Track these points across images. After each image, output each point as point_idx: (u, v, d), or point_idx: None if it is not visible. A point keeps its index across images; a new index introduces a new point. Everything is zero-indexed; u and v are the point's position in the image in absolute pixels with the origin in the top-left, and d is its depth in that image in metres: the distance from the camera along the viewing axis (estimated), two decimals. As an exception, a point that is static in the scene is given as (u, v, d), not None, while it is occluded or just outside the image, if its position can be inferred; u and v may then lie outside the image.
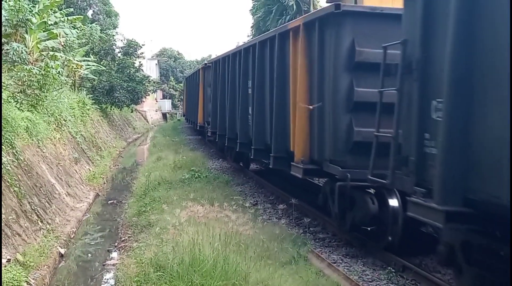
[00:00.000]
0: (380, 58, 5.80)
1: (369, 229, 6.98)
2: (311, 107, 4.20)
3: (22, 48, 14.07)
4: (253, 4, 35.31)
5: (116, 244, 9.05)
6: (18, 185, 8.36)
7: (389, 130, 5.47)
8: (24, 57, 14.00)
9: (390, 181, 5.42)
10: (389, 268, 6.34)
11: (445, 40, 4.30)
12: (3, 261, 6.38)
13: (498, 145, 3.74)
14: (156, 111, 53.25)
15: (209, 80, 17.16)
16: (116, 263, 7.76)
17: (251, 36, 34.38)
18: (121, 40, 31.16)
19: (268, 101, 9.63)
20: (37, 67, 13.24)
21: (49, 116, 13.38)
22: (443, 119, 4.30)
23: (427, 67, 4.70)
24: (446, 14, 4.30)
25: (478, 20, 4.06)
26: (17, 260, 6.76)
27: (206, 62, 21.32)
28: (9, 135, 8.98)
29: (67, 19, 18.31)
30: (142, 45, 31.71)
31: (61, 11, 18.39)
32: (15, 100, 11.48)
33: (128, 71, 28.58)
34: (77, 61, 20.30)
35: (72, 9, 23.46)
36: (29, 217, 8.23)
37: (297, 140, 7.91)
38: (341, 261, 6.79)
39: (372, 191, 6.89)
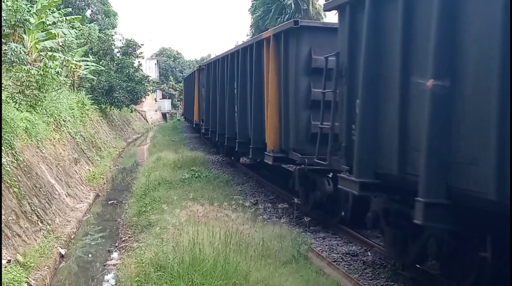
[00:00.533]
0: (331, 65, 6.82)
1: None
2: (431, 83, 4.19)
3: (20, 48, 14.04)
4: (252, 3, 35.29)
5: (117, 244, 9.05)
6: (17, 186, 8.35)
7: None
8: (22, 57, 13.96)
9: (328, 163, 6.85)
10: (389, 266, 6.35)
11: (361, 53, 5.63)
12: (3, 262, 6.38)
13: (391, 133, 5.11)
14: (155, 111, 53.20)
15: (203, 81, 18.64)
16: (117, 263, 7.76)
17: (250, 35, 34.37)
18: (120, 40, 31.12)
19: (249, 100, 11.03)
20: (36, 68, 13.22)
21: (48, 116, 13.36)
22: (359, 113, 5.66)
23: (352, 73, 6.02)
24: (361, 32, 5.63)
25: (381, 38, 5.41)
26: (17, 261, 6.75)
27: (200, 64, 22.72)
28: (8, 136, 8.96)
29: (66, 19, 18.27)
30: (141, 44, 31.69)
31: (59, 11, 18.36)
32: (14, 100, 11.46)
33: (127, 71, 28.55)
34: (76, 61, 20.26)
35: (70, 9, 23.39)
36: (29, 218, 8.22)
37: (269, 133, 9.42)
38: (341, 260, 6.80)
39: (330, 175, 7.88)
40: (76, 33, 20.81)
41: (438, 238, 5.17)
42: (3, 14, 14.02)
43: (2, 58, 13.24)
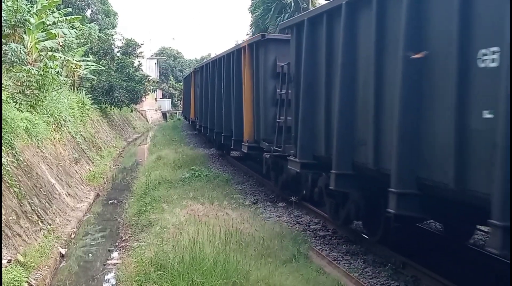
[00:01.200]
0: (291, 71, 8.39)
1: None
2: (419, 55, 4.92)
3: (20, 48, 14.05)
4: (252, 3, 35.22)
5: (117, 243, 9.05)
6: (18, 185, 8.35)
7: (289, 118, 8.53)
8: (22, 57, 13.96)
9: (282, 149, 8.79)
10: (389, 264, 6.34)
11: (302, 64, 7.48)
12: (4, 261, 6.38)
13: (321, 125, 6.95)
14: (156, 111, 53.22)
15: (197, 82, 20.90)
16: (117, 263, 7.76)
17: (251, 34, 34.34)
18: (120, 40, 31.12)
19: (232, 99, 12.76)
20: (36, 68, 13.22)
21: (48, 116, 13.36)
22: (300, 110, 7.50)
23: (297, 79, 7.75)
24: (301, 49, 7.49)
25: (314, 53, 7.20)
26: (18, 261, 6.76)
27: (195, 66, 24.75)
28: (8, 136, 8.97)
29: (66, 19, 18.27)
30: (141, 44, 31.69)
31: (60, 11, 18.36)
32: (14, 100, 11.46)
33: (127, 71, 28.54)
34: (76, 61, 20.28)
35: (70, 9, 23.38)
36: (30, 217, 8.23)
37: (245, 126, 11.33)
38: (341, 259, 6.79)
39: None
40: (76, 33, 20.83)
41: (356, 203, 6.87)
42: (3, 14, 14.03)
43: (3, 58, 13.24)
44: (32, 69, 12.83)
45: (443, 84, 4.48)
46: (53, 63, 14.08)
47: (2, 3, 14.11)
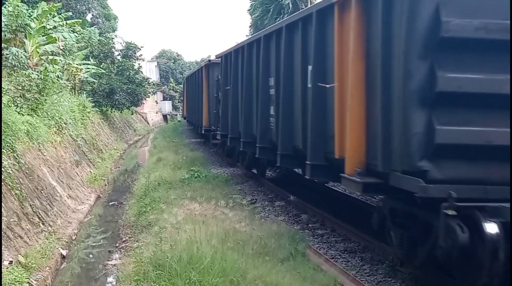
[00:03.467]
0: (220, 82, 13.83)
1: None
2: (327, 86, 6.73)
3: (21, 52, 14.16)
4: (251, 4, 35.29)
5: (117, 244, 9.12)
6: (19, 188, 8.44)
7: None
8: (23, 61, 14.08)
9: (215, 129, 14.69)
10: (386, 262, 6.39)
11: (222, 78, 13.22)
12: (5, 263, 6.47)
13: (228, 113, 11.94)
14: (156, 113, 53.30)
15: (187, 87, 28.32)
16: (117, 263, 7.83)
17: (250, 35, 34.40)
18: (120, 43, 31.24)
19: (199, 99, 19.23)
20: (36, 72, 13.33)
21: (49, 119, 13.45)
22: (221, 105, 12.90)
23: (221, 87, 13.15)
24: (222, 70, 13.35)
25: (228, 73, 12.20)
26: (19, 262, 6.84)
27: (186, 76, 33.45)
28: (9, 139, 9.06)
29: (66, 23, 18.42)
30: (141, 47, 31.80)
31: (60, 15, 18.49)
32: (15, 104, 11.56)
33: (127, 74, 28.65)
34: (76, 64, 20.40)
35: (71, 13, 23.52)
36: (31, 219, 8.32)
37: (204, 117, 18.00)
38: (339, 257, 6.84)
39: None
40: (76, 37, 20.94)
41: (249, 156, 12.23)
42: (4, 19, 14.15)
43: (4, 63, 13.35)
44: (32, 73, 12.93)
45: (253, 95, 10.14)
46: (53, 67, 14.19)
47: (3, 8, 14.23)
